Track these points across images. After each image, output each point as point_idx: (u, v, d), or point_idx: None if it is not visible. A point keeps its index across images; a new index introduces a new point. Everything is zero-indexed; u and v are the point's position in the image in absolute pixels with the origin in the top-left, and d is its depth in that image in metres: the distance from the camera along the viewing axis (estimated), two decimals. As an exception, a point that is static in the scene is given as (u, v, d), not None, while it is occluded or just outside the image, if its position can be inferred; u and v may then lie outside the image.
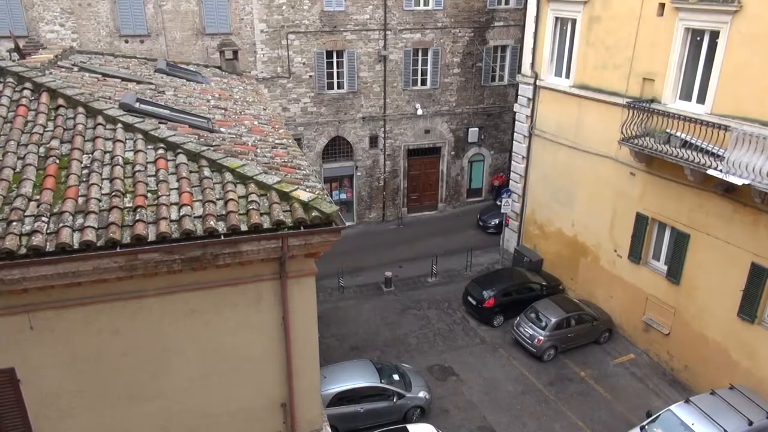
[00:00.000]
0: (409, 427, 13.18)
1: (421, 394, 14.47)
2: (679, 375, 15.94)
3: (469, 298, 18.72)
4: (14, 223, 6.13)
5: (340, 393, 13.56)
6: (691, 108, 14.33)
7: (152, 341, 7.02)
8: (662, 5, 14.74)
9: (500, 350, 17.26)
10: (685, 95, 14.74)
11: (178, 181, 7.13)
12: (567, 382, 15.93)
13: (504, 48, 25.46)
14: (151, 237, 6.30)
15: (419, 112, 24.77)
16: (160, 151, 7.61)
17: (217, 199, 6.93)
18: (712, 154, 13.36)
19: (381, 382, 14.08)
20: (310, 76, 22.90)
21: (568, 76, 18.35)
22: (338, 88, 23.63)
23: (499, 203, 26.35)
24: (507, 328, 18.10)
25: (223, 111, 10.58)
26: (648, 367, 16.47)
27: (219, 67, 16.08)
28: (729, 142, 12.87)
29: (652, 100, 15.23)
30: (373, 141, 24.93)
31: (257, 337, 7.51)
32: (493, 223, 23.81)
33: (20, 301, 6.32)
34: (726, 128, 13.00)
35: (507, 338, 17.74)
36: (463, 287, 19.42)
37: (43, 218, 6.23)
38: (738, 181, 12.51)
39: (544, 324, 16.72)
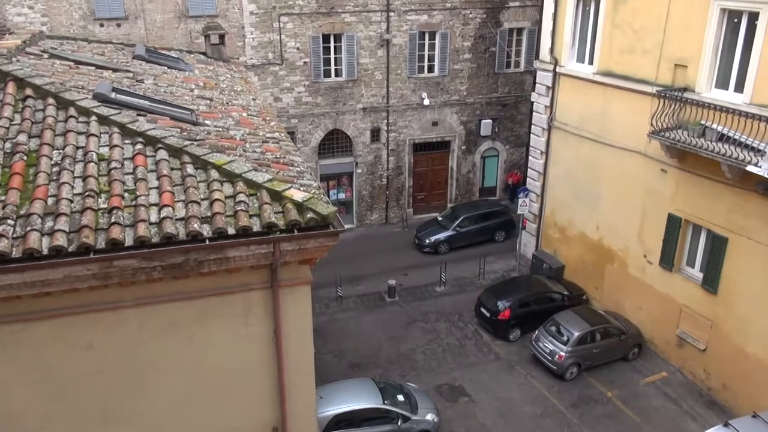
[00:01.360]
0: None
1: (429, 417, 14.46)
2: (717, 395, 15.88)
3: (483, 310, 18.70)
4: (-23, 227, 6.15)
5: (338, 415, 13.55)
6: (729, 97, 14.30)
7: (129, 357, 7.02)
8: (696, -17, 14.75)
9: (517, 368, 17.24)
10: (722, 83, 14.72)
11: (158, 179, 7.14)
12: (592, 404, 15.89)
13: (520, 31, 25.47)
14: (128, 242, 6.31)
15: (426, 102, 24.78)
16: (139, 146, 7.62)
17: (202, 200, 6.94)
18: (753, 148, 13.32)
19: (384, 404, 14.07)
20: (305, 62, 22.96)
21: (591, 62, 18.35)
22: (336, 75, 23.66)
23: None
24: (524, 342, 18.06)
25: (208, 101, 10.59)
26: (682, 386, 16.42)
27: (204, 53, 16.13)
28: (771, 135, 12.85)
29: (685, 89, 15.21)
30: (375, 134, 24.96)
31: (246, 353, 7.50)
32: (428, 241, 23.16)
33: (-17, 312, 6.34)
34: (767, 120, 12.98)
35: (524, 354, 17.71)
36: (476, 297, 19.41)
37: (9, 221, 6.25)
38: (782, 179, 12.48)
39: (565, 338, 16.69)
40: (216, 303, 7.15)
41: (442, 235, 23.23)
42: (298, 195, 7.13)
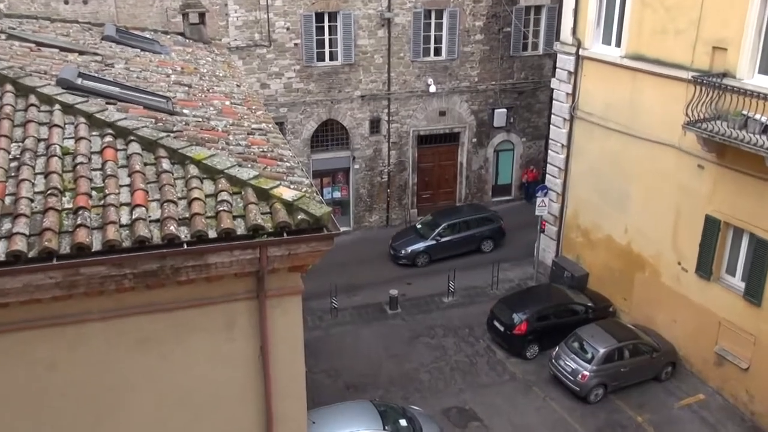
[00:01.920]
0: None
1: (435, 444, 14.43)
2: (761, 420, 15.86)
3: (496, 323, 18.71)
4: (-75, 230, 6.14)
5: (333, 442, 13.53)
6: (775, 84, 14.31)
7: (97, 377, 7.00)
8: (737, -45, 14.74)
9: (535, 389, 17.23)
10: (766, 68, 14.70)
11: (130, 176, 7.13)
12: (619, 430, 15.86)
13: (538, 9, 25.49)
14: (96, 246, 6.29)
15: (432, 89, 24.80)
16: (108, 139, 7.61)
17: (179, 199, 6.93)
18: (802, 141, 13.32)
19: (384, 429, 14.05)
20: (296, 44, 22.98)
21: (618, 44, 18.35)
22: (331, 59, 23.68)
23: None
24: (543, 360, 18.06)
25: (186, 88, 10.59)
26: (721, 410, 16.40)
27: (182, 34, 16.13)
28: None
29: (725, 74, 15.20)
30: (375, 125, 24.97)
31: (228, 373, 7.49)
32: (404, 252, 22.95)
33: (-68, 326, 6.33)
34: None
35: (543, 374, 17.70)
36: (488, 309, 19.40)
37: (-39, 223, 6.24)
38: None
39: (590, 355, 16.68)
40: (195, 316, 7.14)
41: (420, 245, 23.01)
42: (287, 194, 7.11)
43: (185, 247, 6.49)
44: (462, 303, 20.89)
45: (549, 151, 21.87)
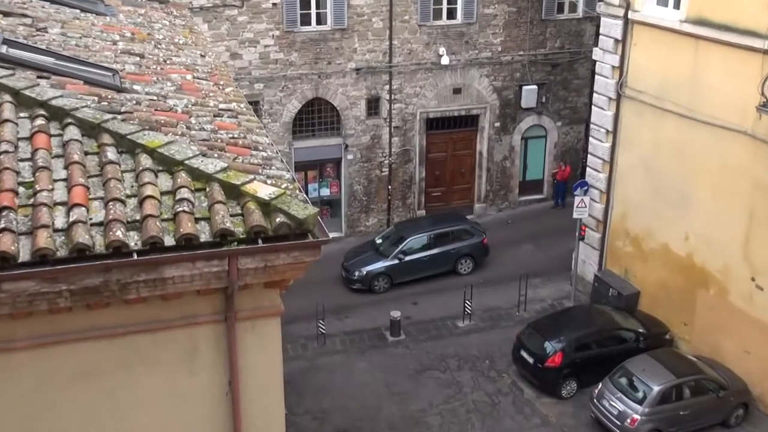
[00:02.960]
0: None
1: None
2: None
3: (524, 354, 18.68)
4: None
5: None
6: None
7: (23, 419, 6.98)
8: None
9: (572, 436, 17.22)
10: None
11: (66, 168, 7.12)
12: (677, 487, 15.87)
13: (578, -39, 25.54)
14: (24, 256, 6.29)
15: (444, 60, 24.81)
16: (40, 122, 7.60)
17: (128, 197, 6.91)
18: None
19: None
20: (274, 4, 23.02)
21: (677, 5, 18.36)
22: (318, 23, 23.71)
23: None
24: (583, 400, 18.03)
25: (137, 59, 10.59)
26: (805, 463, 16.39)
27: (132, -9, 16.13)
28: None
29: (811, 43, 15.21)
30: (373, 106, 24.99)
31: (189, 414, 7.46)
32: (358, 274, 22.69)
33: None
34: None
35: (582, 417, 17.68)
36: (514, 336, 19.37)
37: None
38: None
39: (641, 395, 16.67)
40: (147, 343, 7.11)
41: (378, 265, 22.77)
42: (263, 191, 7.11)
43: (135, 257, 6.47)
44: (481, 328, 20.86)
45: (590, 139, 21.85)
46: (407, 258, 23.01)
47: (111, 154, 7.35)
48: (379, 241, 23.74)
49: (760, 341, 17.41)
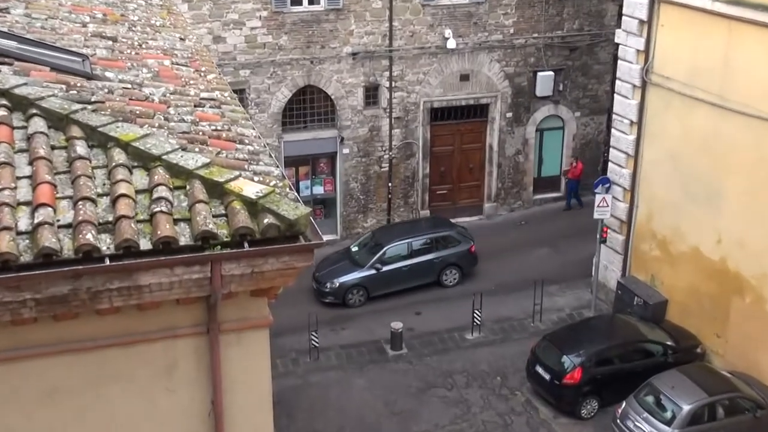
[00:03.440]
0: None
1: None
2: None
3: (539, 370, 18.66)
4: None
5: None
6: None
7: (-15, 443, 7.01)
8: None
9: (593, 460, 17.26)
10: None
11: (31, 163, 7.11)
12: None
13: (598, -67, 25.56)
14: (-16, 262, 6.30)
15: (451, 44, 24.80)
16: (1, 113, 7.60)
17: (100, 196, 6.90)
18: None
19: None
20: (262, -19, 23.04)
21: (709, -19, 18.36)
22: (310, 2, 23.68)
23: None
24: (605, 421, 18.01)
25: (110, 43, 10.58)
26: None
27: (103, -33, 16.12)
28: None
29: None
30: (372, 94, 24.97)
31: (168, 437, 7.49)
32: (330, 286, 22.51)
33: None
34: None
35: (604, 439, 17.68)
36: (529, 350, 19.35)
37: None
38: None
39: (669, 414, 16.65)
40: (121, 358, 7.10)
41: (353, 276, 22.63)
42: (249, 189, 7.10)
43: (107, 263, 6.46)
44: (491, 341, 20.84)
45: (612, 131, 21.82)
46: (385, 268, 22.85)
47: (80, 148, 7.34)
48: (354, 248, 23.65)
49: (801, 355, 17.42)
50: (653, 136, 20.41)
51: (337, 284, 22.57)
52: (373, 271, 22.76)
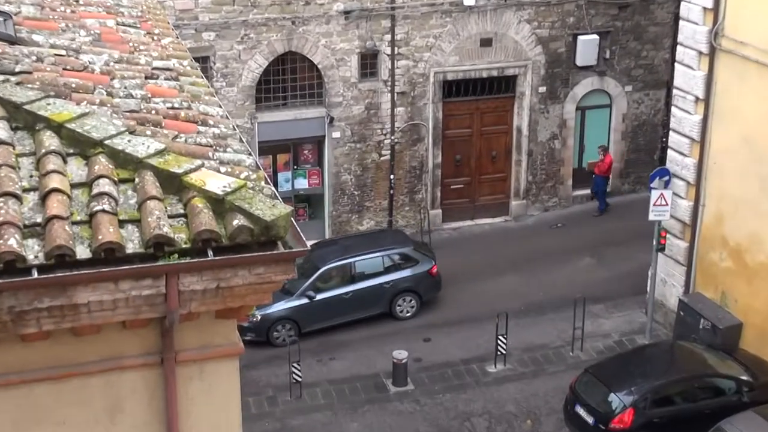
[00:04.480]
0: None
1: None
2: None
3: (580, 410, 18.67)
4: None
5: None
6: None
7: None
8: None
9: None
10: None
11: (-62, 150, 7.13)
12: None
13: None
14: None
15: (469, 0, 24.80)
16: None
17: (26, 191, 6.92)
18: None
19: None
20: None
21: None
22: (292, -53, 23.77)
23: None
24: (662, 475, 18.07)
25: (38, -3, 10.60)
26: None
27: None
28: None
29: None
30: (369, 64, 25.04)
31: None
32: (252, 320, 21.23)
33: None
34: None
35: (661, 498, 17.75)
36: (567, 386, 19.39)
37: None
38: None
39: (744, 467, 16.70)
40: (51, 395, 7.12)
41: (279, 307, 22.11)
42: (214, 182, 7.12)
43: (35, 275, 6.46)
44: (520, 374, 20.89)
45: (673, 110, 21.84)
46: (321, 296, 22.60)
47: (2, 130, 7.34)
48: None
49: None
50: (724, 117, 20.40)
51: (258, 317, 21.74)
52: (305, 300, 22.45)
